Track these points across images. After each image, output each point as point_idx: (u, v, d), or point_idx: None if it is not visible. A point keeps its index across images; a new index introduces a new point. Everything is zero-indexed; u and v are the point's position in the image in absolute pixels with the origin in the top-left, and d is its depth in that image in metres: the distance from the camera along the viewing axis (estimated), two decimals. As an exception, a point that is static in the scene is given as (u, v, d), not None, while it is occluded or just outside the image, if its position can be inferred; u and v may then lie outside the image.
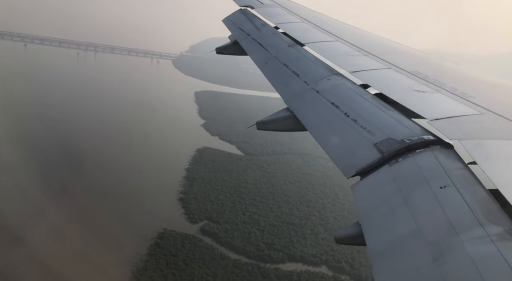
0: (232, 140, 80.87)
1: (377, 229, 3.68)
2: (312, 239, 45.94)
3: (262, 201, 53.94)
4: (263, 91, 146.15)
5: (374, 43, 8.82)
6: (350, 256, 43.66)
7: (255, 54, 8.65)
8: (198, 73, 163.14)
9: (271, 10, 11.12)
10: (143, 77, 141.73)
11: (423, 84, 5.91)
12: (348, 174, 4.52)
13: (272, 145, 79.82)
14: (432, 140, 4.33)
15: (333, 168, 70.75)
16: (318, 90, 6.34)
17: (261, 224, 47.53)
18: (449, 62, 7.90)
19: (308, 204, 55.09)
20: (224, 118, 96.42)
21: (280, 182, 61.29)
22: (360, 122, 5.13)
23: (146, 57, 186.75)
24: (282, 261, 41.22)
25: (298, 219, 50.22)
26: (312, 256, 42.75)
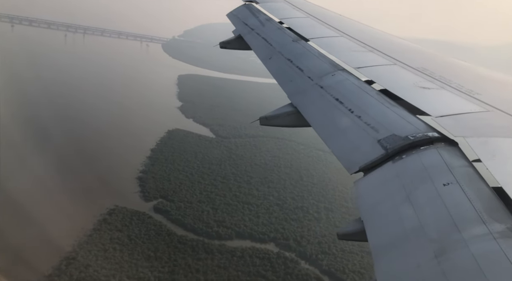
0: (206, 123, 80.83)
1: (379, 225, 3.67)
2: (265, 218, 46.37)
3: (223, 181, 54.21)
4: (250, 76, 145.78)
5: (379, 39, 8.75)
6: (300, 234, 44.18)
7: (259, 49, 8.58)
8: (186, 57, 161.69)
9: (276, 5, 11.06)
10: (127, 60, 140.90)
11: (428, 80, 5.85)
12: (352, 170, 4.50)
13: (246, 128, 79.75)
14: (436, 137, 4.29)
15: (303, 151, 71.15)
16: (322, 86, 6.30)
17: (216, 203, 47.88)
18: (456, 59, 7.80)
19: (269, 185, 55.39)
20: (202, 101, 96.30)
21: (245, 164, 61.50)
22: (364, 118, 5.11)
23: (136, 40, 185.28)
24: (230, 238, 41.66)
25: (255, 199, 50.57)
26: (261, 233, 43.19)
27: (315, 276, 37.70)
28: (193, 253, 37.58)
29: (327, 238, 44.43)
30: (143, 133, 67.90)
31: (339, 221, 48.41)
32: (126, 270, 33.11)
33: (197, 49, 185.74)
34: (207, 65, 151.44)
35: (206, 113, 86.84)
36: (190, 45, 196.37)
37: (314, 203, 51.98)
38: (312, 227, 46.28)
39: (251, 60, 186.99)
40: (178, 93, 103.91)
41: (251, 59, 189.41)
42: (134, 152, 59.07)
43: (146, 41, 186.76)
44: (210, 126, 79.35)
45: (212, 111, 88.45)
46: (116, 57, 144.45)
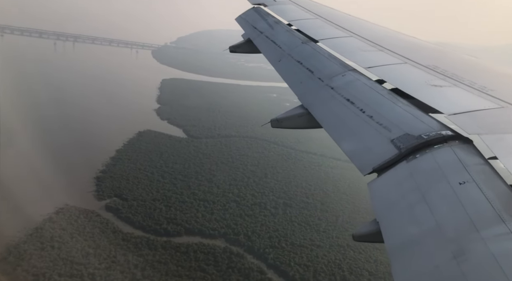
0: (180, 124, 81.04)
1: (395, 226, 3.62)
2: (219, 214, 46.18)
3: (183, 179, 54.12)
4: (237, 79, 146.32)
5: (389, 37, 8.68)
6: (251, 230, 43.98)
7: (269, 52, 8.57)
8: (174, 63, 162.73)
9: (284, 7, 11.05)
10: (112, 65, 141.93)
11: (440, 78, 5.78)
12: (365, 171, 4.41)
13: (219, 129, 79.99)
14: (450, 135, 4.22)
15: (273, 150, 71.00)
16: (333, 87, 6.26)
17: (171, 201, 47.76)
18: (467, 56, 7.73)
19: (231, 182, 55.27)
20: (181, 104, 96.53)
21: (211, 163, 61.43)
22: (376, 118, 5.06)
23: (126, 47, 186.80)
24: (179, 235, 41.49)
25: (213, 196, 50.41)
26: (211, 229, 43.01)
27: (258, 269, 37.39)
28: (135, 250, 37.43)
29: (279, 232, 44.19)
30: (112, 134, 68.06)
31: (295, 216, 48.20)
32: (59, 268, 32.93)
33: (188, 55, 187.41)
34: (195, 69, 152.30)
35: (182, 114, 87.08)
36: (181, 51, 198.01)
37: (274, 199, 51.76)
38: (266, 222, 46.01)
39: (240, 64, 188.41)
40: (158, 96, 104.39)
41: (240, 63, 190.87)
42: (98, 152, 59.17)
43: (137, 48, 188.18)
44: (184, 127, 79.52)
45: (188, 113, 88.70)
46: (102, 62, 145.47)
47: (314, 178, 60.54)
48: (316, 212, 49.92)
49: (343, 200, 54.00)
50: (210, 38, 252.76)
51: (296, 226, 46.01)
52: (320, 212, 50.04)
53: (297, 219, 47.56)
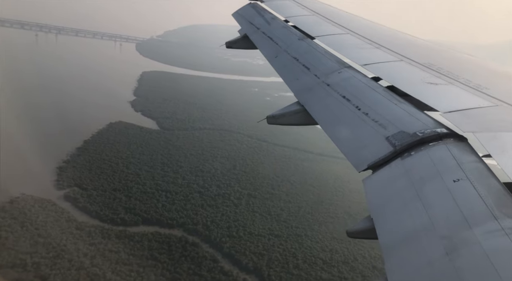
0: (154, 116, 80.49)
1: (389, 223, 3.62)
2: (180, 205, 46.05)
3: (148, 170, 53.80)
4: (220, 73, 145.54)
5: (385, 35, 8.69)
6: (211, 220, 43.96)
7: (265, 48, 8.56)
8: (157, 56, 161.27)
9: (281, 3, 11.03)
10: (93, 57, 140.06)
11: (436, 76, 5.80)
12: (360, 168, 4.40)
13: (194, 121, 79.63)
14: (445, 133, 4.22)
15: (246, 142, 70.95)
16: (329, 84, 6.25)
17: (132, 191, 47.45)
18: (463, 54, 7.73)
19: (198, 173, 55.12)
20: (157, 96, 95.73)
21: (179, 154, 61.16)
22: (371, 115, 5.07)
23: (111, 40, 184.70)
24: (136, 224, 41.29)
25: (177, 187, 50.23)
26: (170, 219, 42.88)
27: (211, 258, 37.41)
28: (88, 239, 37.13)
29: (238, 222, 44.25)
30: (82, 125, 67.26)
31: (258, 207, 48.31)
32: (0, 259, 32.43)
33: (172, 48, 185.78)
34: (177, 63, 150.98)
35: (157, 107, 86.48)
36: (166, 45, 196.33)
37: (238, 190, 51.76)
38: (227, 212, 46.01)
39: (226, 59, 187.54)
40: (136, 89, 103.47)
41: (226, 57, 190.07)
42: (65, 143, 58.43)
43: (121, 40, 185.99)
44: (157, 119, 79.00)
45: (163, 105, 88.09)
46: (81, 54, 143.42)
47: (283, 170, 60.65)
48: (280, 203, 50.06)
49: (309, 192, 54.19)
50: (198, 33, 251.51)
51: (257, 216, 46.10)
52: (283, 203, 50.19)
53: (259, 210, 47.66)
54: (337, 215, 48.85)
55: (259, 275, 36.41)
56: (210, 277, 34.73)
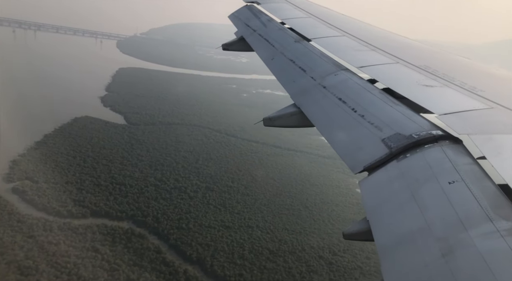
0: (122, 111, 79.85)
1: (385, 225, 3.62)
2: (133, 198, 45.66)
3: (106, 164, 53.25)
4: (200, 70, 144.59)
5: (381, 37, 8.67)
6: (162, 212, 43.65)
7: (261, 50, 8.55)
8: (137, 53, 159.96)
9: (277, 5, 11.01)
10: (69, 54, 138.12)
11: (431, 78, 5.81)
12: (356, 170, 4.41)
13: (163, 116, 79.15)
14: (441, 135, 4.23)
15: (214, 137, 70.72)
16: (325, 86, 6.26)
17: (85, 184, 46.92)
18: (458, 56, 7.66)
19: (157, 167, 54.71)
20: (129, 92, 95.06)
21: (142, 148, 60.68)
22: (367, 117, 5.07)
23: (92, 37, 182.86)
24: (83, 217, 40.80)
25: (133, 180, 49.81)
26: (119, 211, 42.49)
27: (155, 249, 37.15)
28: (28, 231, 36.54)
29: (190, 214, 44.05)
30: (46, 119, 66.14)
31: (213, 199, 48.12)
32: None
33: (155, 46, 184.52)
34: (157, 60, 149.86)
35: (127, 102, 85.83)
36: (148, 42, 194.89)
37: (197, 184, 51.52)
38: (180, 205, 45.74)
39: (208, 56, 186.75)
40: (108, 84, 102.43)
41: (209, 55, 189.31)
42: (25, 136, 57.48)
43: (103, 38, 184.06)
44: (125, 114, 78.35)
45: (134, 101, 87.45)
46: (60, 51, 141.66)
47: (246, 164, 60.56)
48: (237, 196, 49.95)
49: (268, 185, 54.15)
50: (185, 31, 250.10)
51: (210, 209, 45.92)
52: (240, 196, 50.08)
53: (214, 202, 47.48)
54: (292, 207, 48.89)
55: (202, 265, 36.23)
56: (150, 268, 34.44)
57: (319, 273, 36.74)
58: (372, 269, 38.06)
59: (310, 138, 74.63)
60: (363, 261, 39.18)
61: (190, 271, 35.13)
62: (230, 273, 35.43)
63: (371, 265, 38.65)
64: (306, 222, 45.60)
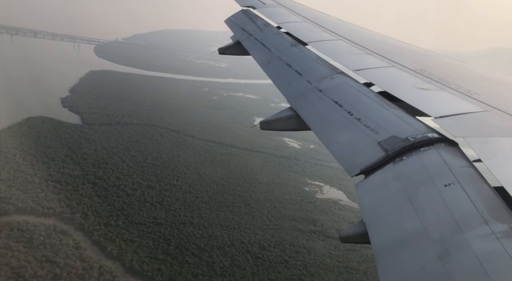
0: (80, 111, 78.52)
1: (382, 227, 3.62)
2: (65, 195, 44.53)
3: (46, 162, 52.08)
4: (174, 73, 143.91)
5: (377, 41, 8.70)
6: (93, 209, 42.65)
7: (258, 54, 8.56)
8: (114, 57, 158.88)
9: (273, 10, 11.11)
10: (41, 57, 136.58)
11: (427, 82, 5.83)
12: (352, 173, 4.41)
13: (122, 117, 78.10)
14: (436, 138, 4.25)
15: (169, 137, 69.88)
16: (321, 89, 6.27)
17: (17, 181, 45.67)
18: (453, 60, 7.72)
19: (100, 165, 53.64)
20: (94, 93, 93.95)
21: (89, 147, 59.58)
22: (364, 120, 5.07)
23: (70, 42, 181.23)
24: (6, 214, 39.47)
25: (70, 178, 48.69)
26: (47, 208, 41.28)
27: (74, 245, 36.08)
28: None
29: (122, 211, 43.08)
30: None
31: (151, 197, 47.23)
32: None
33: (134, 51, 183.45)
34: (132, 64, 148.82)
35: (88, 103, 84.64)
36: (128, 47, 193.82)
37: (138, 182, 50.55)
38: (114, 202, 44.73)
39: (188, 60, 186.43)
40: (74, 86, 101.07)
41: (188, 59, 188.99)
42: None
43: (81, 42, 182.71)
44: (83, 114, 77.13)
45: (95, 102, 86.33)
46: (31, 55, 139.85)
47: (197, 163, 59.76)
48: (178, 194, 49.10)
49: (214, 183, 53.47)
50: (168, 37, 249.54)
51: (146, 206, 44.97)
52: (181, 194, 49.25)
53: (151, 200, 46.54)
54: (233, 204, 48.20)
55: (122, 261, 35.22)
56: (63, 263, 33.30)
57: (242, 267, 35.98)
58: (298, 263, 37.44)
59: (270, 139, 74.34)
60: (291, 255, 38.55)
61: (106, 266, 34.07)
62: (148, 268, 34.47)
63: (298, 259, 38.06)
64: (243, 219, 44.90)
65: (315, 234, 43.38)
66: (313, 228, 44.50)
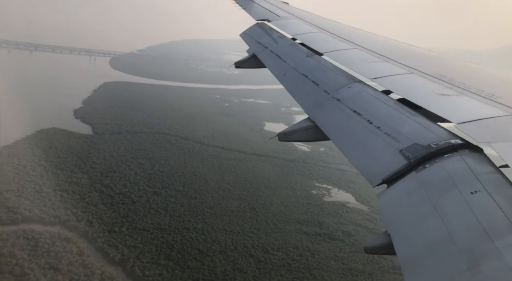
0: (92, 122, 79.88)
1: (407, 238, 3.54)
2: (72, 203, 45.19)
3: (55, 172, 53.07)
4: (186, 82, 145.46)
5: (394, 48, 8.65)
6: (98, 216, 43.06)
7: (273, 66, 8.63)
8: (128, 68, 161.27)
9: (288, 22, 11.15)
10: (57, 71, 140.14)
11: (447, 87, 5.71)
12: (374, 182, 4.32)
13: (132, 126, 79.08)
14: (460, 144, 4.12)
15: (179, 144, 70.26)
16: (339, 99, 6.20)
17: (26, 191, 46.68)
18: (473, 64, 7.67)
19: (108, 174, 54.36)
20: (106, 104, 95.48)
21: (98, 156, 60.51)
22: (384, 128, 4.97)
23: (87, 55, 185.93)
24: (14, 223, 40.30)
25: (77, 187, 49.47)
26: (53, 217, 41.95)
27: (78, 252, 36.51)
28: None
29: (127, 218, 43.43)
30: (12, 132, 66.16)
31: (156, 203, 47.49)
32: None
33: (148, 61, 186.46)
34: (146, 74, 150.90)
35: (100, 113, 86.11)
36: (143, 58, 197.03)
37: (144, 189, 51.04)
38: (119, 209, 45.13)
39: (200, 69, 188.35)
40: (87, 97, 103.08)
41: (200, 68, 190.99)
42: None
43: (98, 55, 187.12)
44: (94, 124, 78.45)
45: (107, 112, 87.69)
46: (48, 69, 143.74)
47: (204, 169, 59.88)
48: (183, 200, 49.20)
49: (220, 188, 53.38)
50: (182, 47, 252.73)
51: (151, 212, 45.19)
52: (187, 199, 49.32)
53: (156, 206, 46.75)
54: (238, 209, 47.93)
55: (124, 266, 35.37)
56: (66, 270, 33.69)
57: (244, 271, 35.61)
58: (301, 266, 36.77)
59: (279, 143, 72.58)
60: (294, 259, 37.94)
61: (108, 272, 34.30)
62: (149, 273, 34.52)
63: (302, 262, 37.41)
64: (247, 223, 44.55)
65: (320, 236, 42.63)
66: (318, 231, 43.75)
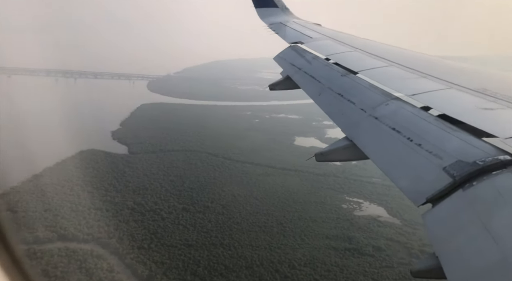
0: (128, 142, 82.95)
1: (458, 260, 3.38)
2: (104, 221, 46.77)
3: (91, 191, 55.32)
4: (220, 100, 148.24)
5: (430, 63, 8.67)
6: (129, 233, 44.26)
7: (308, 87, 8.76)
8: (165, 90, 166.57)
9: (321, 43, 11.39)
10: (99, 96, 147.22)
11: (491, 101, 5.55)
12: (418, 202, 4.17)
13: (166, 145, 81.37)
14: (509, 160, 3.96)
15: (208, 161, 71.33)
16: (376, 116, 6.14)
17: (62, 210, 48.90)
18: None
19: (140, 191, 56.05)
20: (142, 125, 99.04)
21: (132, 175, 62.63)
22: (425, 146, 4.83)
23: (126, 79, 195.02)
24: (50, 241, 42.17)
25: (112, 205, 51.28)
26: (86, 234, 43.60)
27: (108, 269, 37.51)
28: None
29: (156, 235, 44.27)
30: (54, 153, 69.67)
31: (185, 220, 48.09)
32: None
33: (183, 82, 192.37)
34: (182, 95, 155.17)
35: (136, 134, 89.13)
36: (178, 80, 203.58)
37: (174, 205, 52.02)
38: (149, 226, 46.18)
39: (233, 88, 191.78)
40: (125, 119, 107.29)
41: (233, 86, 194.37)
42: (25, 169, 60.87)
43: (136, 79, 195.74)
44: (130, 144, 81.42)
45: (142, 132, 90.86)
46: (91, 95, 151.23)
47: (231, 185, 60.22)
48: (211, 216, 49.57)
49: (248, 204, 53.34)
50: (216, 68, 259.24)
51: (179, 229, 45.86)
52: (214, 215, 49.65)
53: (185, 222, 47.40)
54: (266, 224, 47.55)
55: (151, 283, 35.96)
56: (96, 286, 34.73)
57: (268, 288, 35.04)
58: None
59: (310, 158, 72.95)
60: (322, 274, 36.89)
61: (135, 288, 34.97)
62: (175, 290, 34.80)
63: (329, 277, 36.28)
64: (274, 238, 44.02)
65: (349, 251, 41.24)
66: (347, 246, 42.39)
